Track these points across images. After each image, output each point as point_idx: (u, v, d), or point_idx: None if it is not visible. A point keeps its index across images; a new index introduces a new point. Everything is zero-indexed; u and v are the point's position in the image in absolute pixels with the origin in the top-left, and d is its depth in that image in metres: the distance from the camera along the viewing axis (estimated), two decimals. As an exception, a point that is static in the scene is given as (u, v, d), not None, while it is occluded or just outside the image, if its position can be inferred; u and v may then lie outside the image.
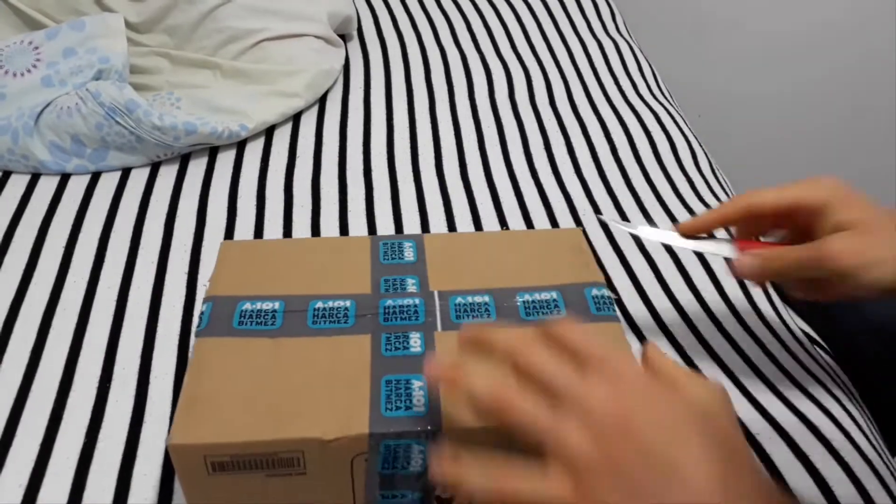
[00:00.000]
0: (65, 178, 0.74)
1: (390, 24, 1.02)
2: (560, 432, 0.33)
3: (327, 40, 0.89)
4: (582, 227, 0.49)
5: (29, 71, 0.76)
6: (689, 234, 0.50)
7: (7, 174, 0.74)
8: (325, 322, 0.46)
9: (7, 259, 0.65)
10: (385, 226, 0.70)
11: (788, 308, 0.67)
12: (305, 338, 0.45)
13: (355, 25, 0.98)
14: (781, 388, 0.56)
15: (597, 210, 0.73)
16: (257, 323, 0.46)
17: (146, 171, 0.75)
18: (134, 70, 0.81)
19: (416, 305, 0.47)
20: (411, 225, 0.70)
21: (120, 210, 0.70)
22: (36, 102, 0.74)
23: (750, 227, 0.50)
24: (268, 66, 0.83)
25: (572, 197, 0.75)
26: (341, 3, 0.93)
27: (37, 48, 0.77)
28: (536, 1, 1.08)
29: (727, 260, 0.49)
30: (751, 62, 1.50)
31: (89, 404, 0.54)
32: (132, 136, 0.72)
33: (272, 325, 0.45)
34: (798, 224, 0.47)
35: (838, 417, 0.55)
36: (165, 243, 0.67)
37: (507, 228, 0.71)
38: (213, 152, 0.78)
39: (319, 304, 0.47)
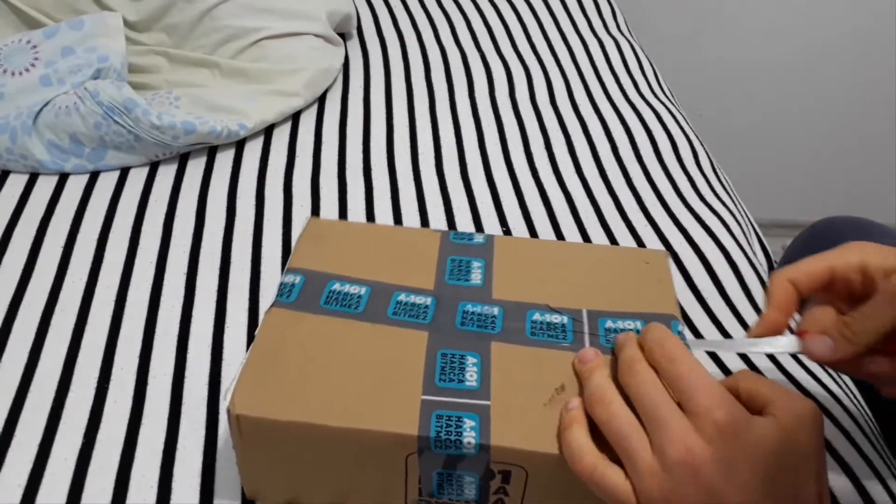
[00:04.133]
0: (63, 178, 0.74)
1: (390, 22, 1.02)
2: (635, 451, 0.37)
3: (326, 39, 0.89)
4: (667, 251, 0.49)
5: (27, 70, 0.76)
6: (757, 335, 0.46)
7: (5, 174, 0.74)
8: (404, 315, 0.47)
9: (5, 259, 0.65)
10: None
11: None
12: (383, 325, 0.46)
13: (355, 24, 0.97)
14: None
15: (598, 210, 0.73)
16: (343, 305, 0.47)
17: (145, 171, 0.75)
18: (132, 69, 0.81)
19: (494, 316, 0.47)
20: (411, 225, 0.70)
21: (119, 210, 0.70)
22: (34, 101, 0.74)
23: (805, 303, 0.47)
24: (267, 65, 0.83)
25: (573, 196, 0.75)
26: (340, 2, 0.93)
27: (35, 47, 0.77)
28: (537, -1, 1.08)
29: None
30: (751, 61, 1.50)
31: (88, 405, 0.53)
32: (131, 136, 0.72)
33: (356, 308, 0.47)
34: (839, 293, 0.45)
35: (838, 417, 0.55)
36: (164, 243, 0.67)
37: (507, 228, 0.71)
38: (211, 152, 0.78)
39: (402, 297, 0.48)
